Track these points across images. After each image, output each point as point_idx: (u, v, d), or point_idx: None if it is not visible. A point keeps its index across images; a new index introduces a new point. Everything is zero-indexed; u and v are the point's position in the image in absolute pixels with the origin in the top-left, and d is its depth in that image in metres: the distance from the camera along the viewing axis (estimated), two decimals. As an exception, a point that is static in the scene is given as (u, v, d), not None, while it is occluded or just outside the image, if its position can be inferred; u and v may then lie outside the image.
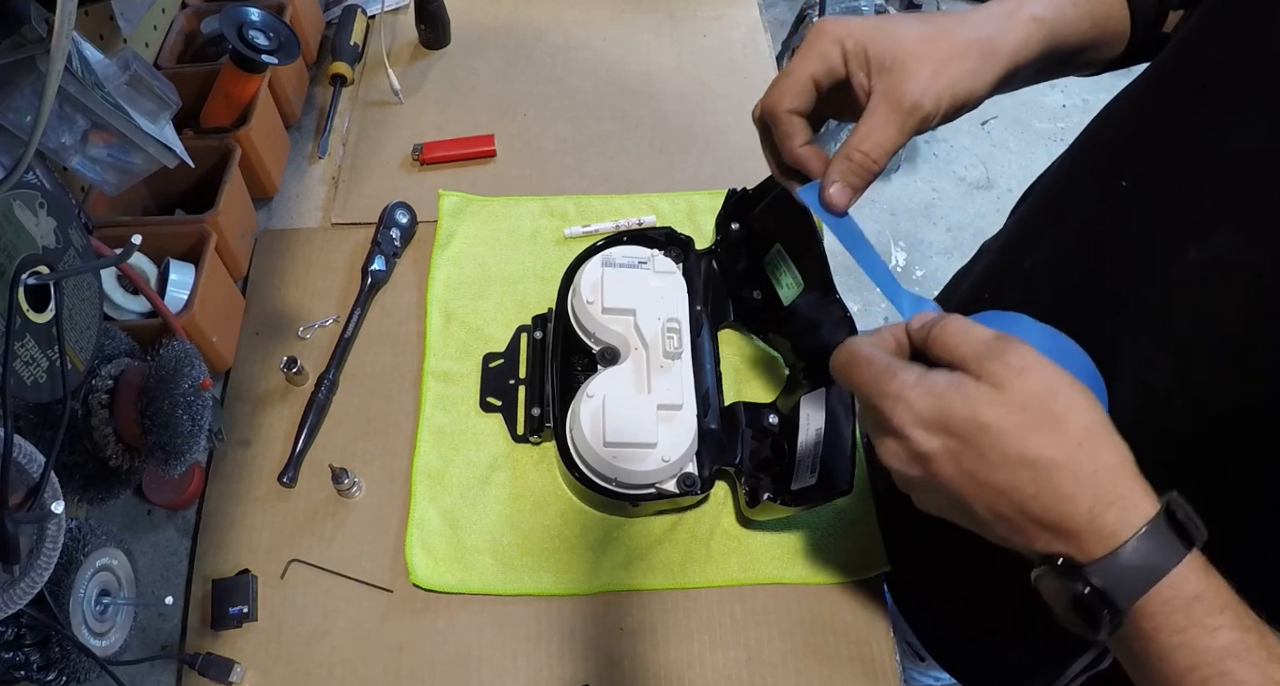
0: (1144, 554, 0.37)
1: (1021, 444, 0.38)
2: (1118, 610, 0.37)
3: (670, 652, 0.65)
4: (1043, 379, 0.39)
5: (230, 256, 0.79)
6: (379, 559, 0.69)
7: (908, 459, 0.42)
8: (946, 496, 0.42)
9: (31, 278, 0.51)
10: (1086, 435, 0.38)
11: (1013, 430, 0.39)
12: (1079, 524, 0.38)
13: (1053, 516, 0.38)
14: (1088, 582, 0.37)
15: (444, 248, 0.85)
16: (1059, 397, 0.39)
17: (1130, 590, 0.37)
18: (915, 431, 0.41)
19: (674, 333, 0.71)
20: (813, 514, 0.70)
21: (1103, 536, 0.37)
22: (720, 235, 0.77)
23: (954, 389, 0.40)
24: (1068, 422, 0.39)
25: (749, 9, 1.10)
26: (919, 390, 0.41)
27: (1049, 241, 0.59)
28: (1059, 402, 0.39)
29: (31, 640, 0.52)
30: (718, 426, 0.69)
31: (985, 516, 0.41)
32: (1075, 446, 0.38)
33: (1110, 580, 0.37)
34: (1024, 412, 0.39)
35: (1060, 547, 0.39)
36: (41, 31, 0.46)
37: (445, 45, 1.06)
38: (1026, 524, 0.39)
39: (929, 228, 2.23)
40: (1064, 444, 0.38)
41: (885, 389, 0.42)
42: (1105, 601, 0.37)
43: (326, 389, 0.76)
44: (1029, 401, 0.39)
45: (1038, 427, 0.39)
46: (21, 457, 0.48)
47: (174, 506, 0.71)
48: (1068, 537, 0.38)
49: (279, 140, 0.92)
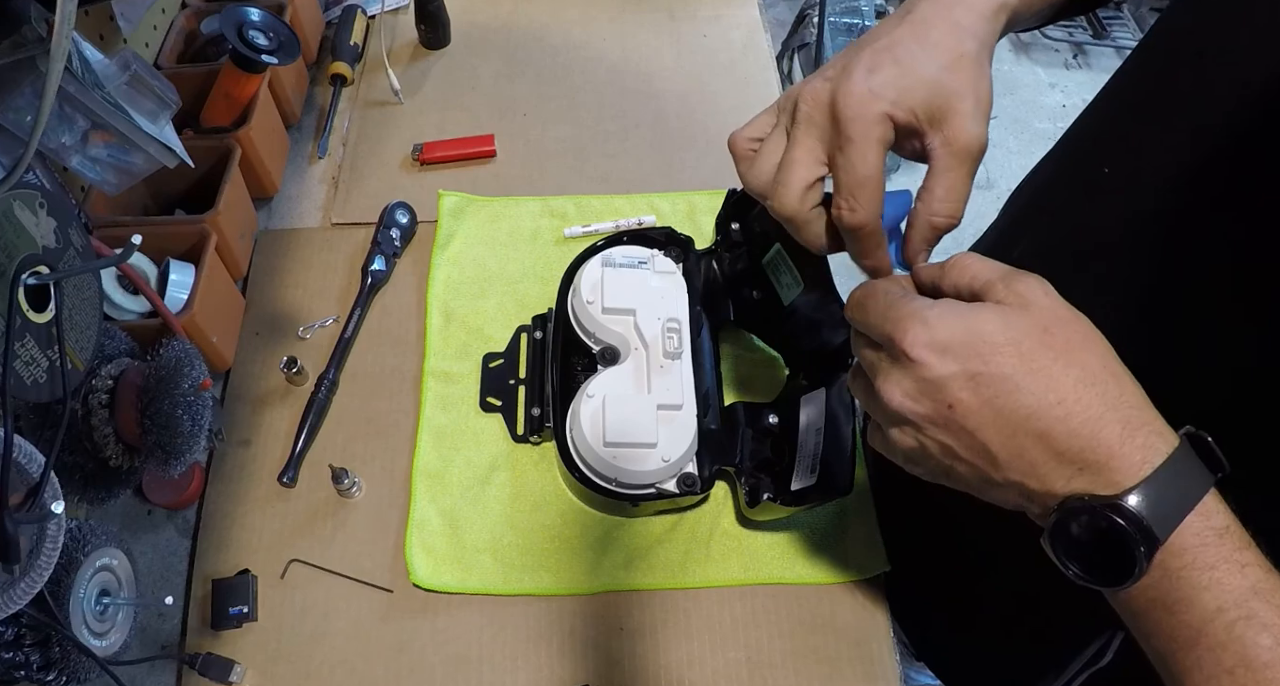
0: (1176, 480, 0.36)
1: (1050, 362, 0.37)
2: (1154, 541, 0.35)
3: (670, 652, 0.65)
4: (1063, 308, 0.39)
5: (230, 256, 0.79)
6: (379, 559, 0.69)
7: (916, 392, 0.39)
8: (954, 437, 0.39)
9: (31, 278, 0.51)
10: (1109, 360, 0.38)
11: (1041, 348, 0.37)
12: (1109, 448, 0.36)
13: (1080, 442, 0.36)
14: (1122, 513, 0.35)
15: (444, 248, 0.85)
16: (1079, 326, 0.38)
17: (1167, 517, 0.35)
18: (930, 355, 0.39)
19: (674, 333, 0.71)
20: (813, 514, 0.70)
21: (1133, 462, 0.36)
22: (720, 235, 0.77)
23: (977, 309, 0.39)
24: (1090, 349, 0.38)
25: (749, 9, 1.10)
26: (937, 311, 0.39)
27: (1035, 232, 0.59)
28: (1079, 330, 0.38)
29: (31, 640, 0.52)
30: (718, 426, 0.69)
31: (999, 454, 0.38)
32: (1101, 369, 0.37)
33: (1147, 507, 0.35)
34: (1049, 333, 0.38)
35: (1083, 483, 0.37)
36: (41, 31, 0.46)
37: (445, 45, 1.06)
38: (1048, 458, 0.37)
39: (929, 228, 2.23)
40: (1091, 366, 0.37)
41: (900, 311, 0.40)
42: (1142, 532, 0.35)
43: (326, 389, 0.76)
44: (1054, 322, 0.38)
45: (1065, 349, 0.37)
46: (21, 457, 0.48)
47: (174, 506, 0.71)
48: (1095, 468, 0.36)
49: (279, 140, 0.92)
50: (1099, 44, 2.62)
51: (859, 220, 0.43)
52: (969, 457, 0.39)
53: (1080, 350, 0.38)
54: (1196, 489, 0.36)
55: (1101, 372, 0.37)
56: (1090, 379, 0.37)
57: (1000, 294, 0.39)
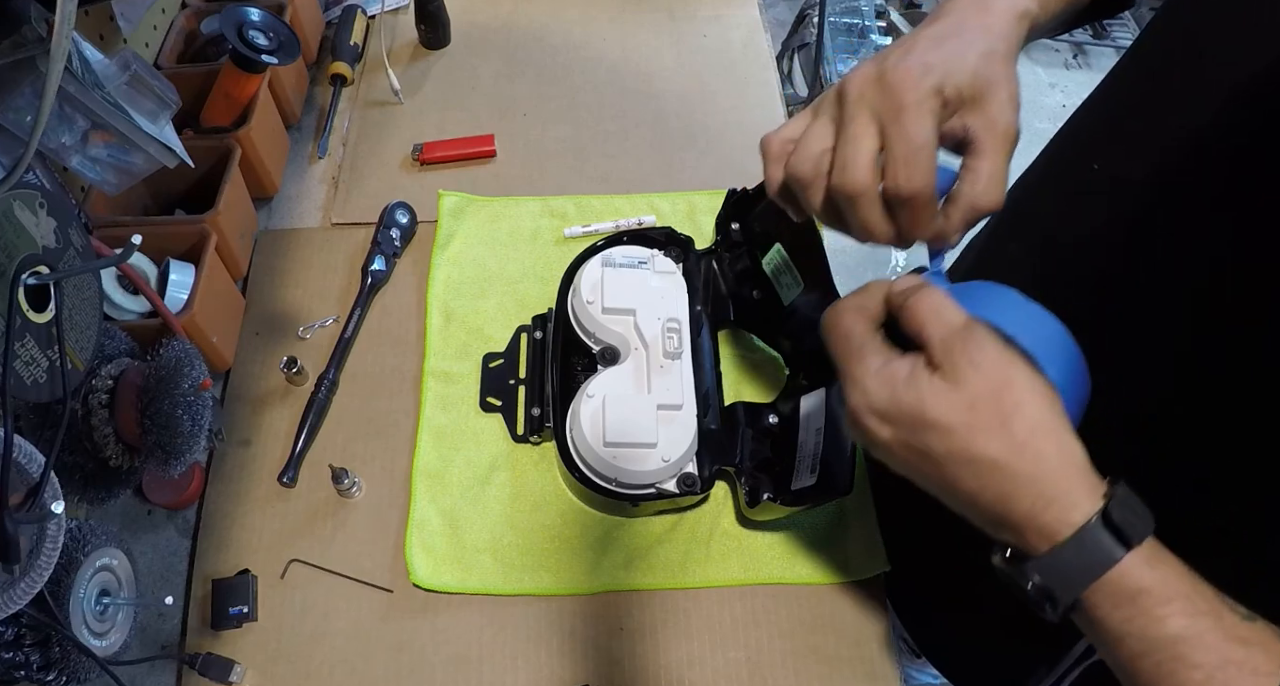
0: (1082, 553, 0.38)
1: (966, 442, 0.39)
2: (1058, 604, 0.39)
3: (670, 652, 0.65)
4: (998, 374, 0.40)
5: (230, 256, 0.79)
6: (379, 559, 0.69)
7: (865, 440, 0.44)
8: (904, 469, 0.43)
9: (31, 278, 0.51)
10: (1031, 435, 0.39)
11: (959, 428, 0.39)
12: (1019, 519, 0.39)
13: (995, 513, 0.40)
14: (1025, 577, 0.39)
15: (444, 248, 0.85)
16: (1010, 395, 0.39)
17: (1070, 586, 0.38)
18: (870, 419, 0.42)
19: (674, 333, 0.71)
20: (813, 514, 0.70)
21: (1043, 534, 0.38)
22: (720, 235, 0.77)
23: (908, 383, 0.41)
24: (1014, 422, 0.39)
25: (749, 9, 1.10)
26: (877, 381, 0.42)
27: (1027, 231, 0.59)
28: (1009, 400, 0.39)
29: (31, 640, 0.52)
30: (718, 426, 0.69)
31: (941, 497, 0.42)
32: (1019, 447, 0.39)
33: (1049, 577, 0.39)
34: (972, 411, 0.39)
35: (1009, 538, 0.40)
36: (41, 31, 0.46)
37: (445, 45, 1.06)
38: (974, 513, 0.41)
39: (929, 228, 2.23)
40: (1008, 444, 0.39)
41: (851, 370, 0.43)
42: (1045, 595, 0.39)
43: (326, 389, 0.76)
44: (978, 399, 0.39)
45: (984, 427, 0.39)
46: (21, 457, 0.48)
47: (174, 506, 0.71)
48: (1012, 530, 0.40)
49: (279, 140, 0.92)
50: (1099, 44, 2.62)
51: (915, 188, 0.42)
52: None
53: (1002, 427, 0.39)
54: (1106, 559, 0.38)
55: (1020, 451, 0.39)
56: (1006, 457, 0.39)
57: (937, 359, 0.41)
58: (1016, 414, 0.39)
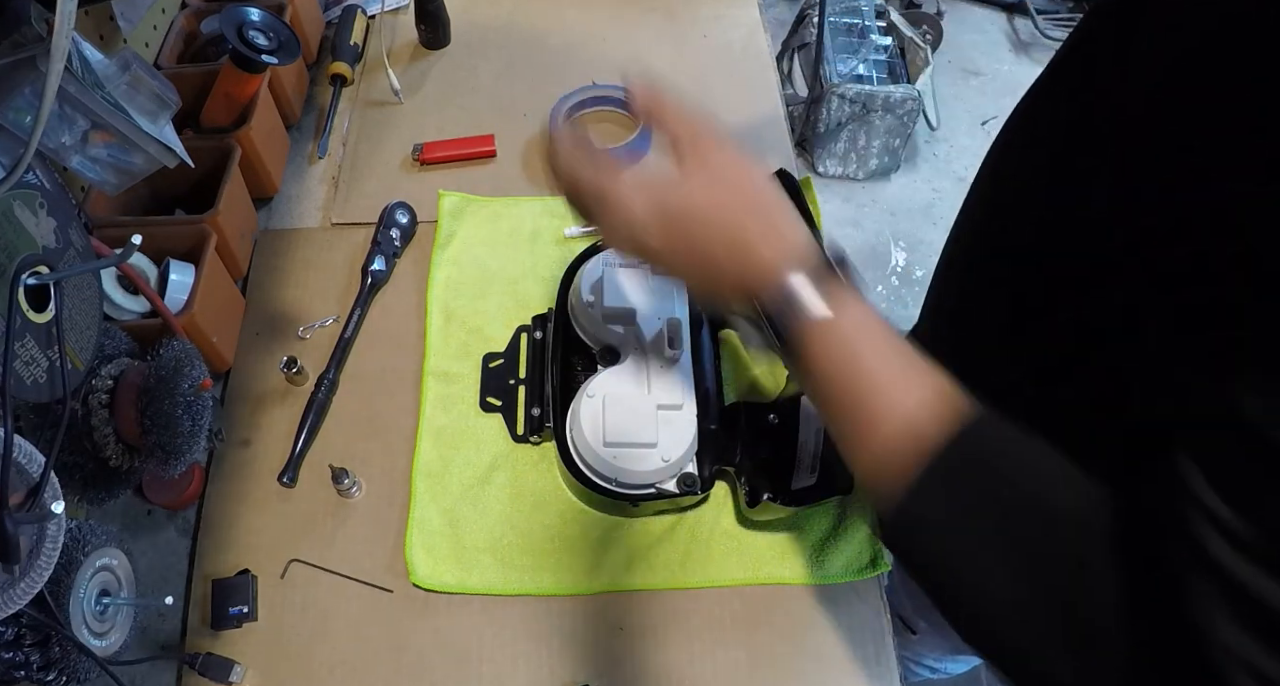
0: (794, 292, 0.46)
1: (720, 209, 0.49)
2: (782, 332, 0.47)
3: (670, 652, 0.65)
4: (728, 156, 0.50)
5: (230, 256, 0.79)
6: (379, 559, 0.69)
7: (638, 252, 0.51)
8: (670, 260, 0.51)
9: (31, 278, 0.51)
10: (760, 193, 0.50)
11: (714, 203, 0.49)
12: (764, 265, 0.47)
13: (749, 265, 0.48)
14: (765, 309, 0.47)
15: (444, 248, 0.85)
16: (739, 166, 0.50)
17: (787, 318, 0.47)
18: (639, 226, 0.49)
19: (674, 333, 0.71)
20: (813, 514, 0.70)
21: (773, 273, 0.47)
22: (720, 235, 0.77)
23: (669, 183, 0.50)
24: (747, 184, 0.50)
25: (749, 9, 1.10)
26: (638, 189, 0.50)
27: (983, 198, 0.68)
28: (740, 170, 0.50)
29: (31, 640, 0.52)
30: (718, 426, 0.69)
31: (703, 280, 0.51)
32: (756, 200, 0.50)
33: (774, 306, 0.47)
34: (720, 183, 0.50)
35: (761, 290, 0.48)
36: (41, 31, 0.46)
37: (445, 45, 1.06)
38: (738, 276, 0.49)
39: (929, 227, 2.23)
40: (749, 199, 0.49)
41: (607, 189, 0.50)
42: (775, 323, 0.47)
43: (326, 389, 0.76)
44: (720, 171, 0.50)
45: (730, 190, 0.49)
46: (21, 457, 0.48)
47: (174, 506, 0.71)
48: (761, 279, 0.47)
49: (279, 140, 0.92)
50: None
51: None
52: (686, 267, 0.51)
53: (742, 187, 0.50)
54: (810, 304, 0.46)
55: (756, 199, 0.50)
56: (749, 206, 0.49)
57: (684, 152, 0.50)
58: (747, 179, 0.50)
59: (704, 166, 0.50)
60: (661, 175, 0.50)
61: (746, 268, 0.48)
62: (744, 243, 0.48)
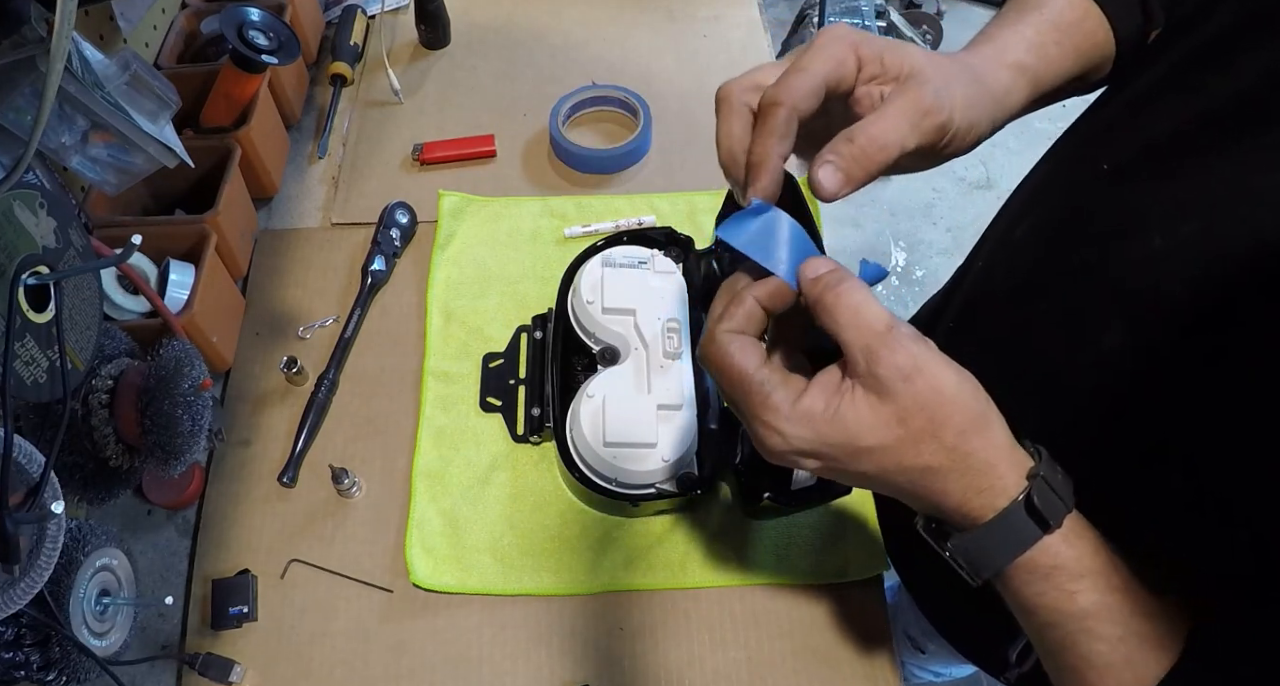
0: (1001, 535, 0.40)
1: (899, 456, 0.40)
2: (976, 575, 0.41)
3: (670, 652, 0.65)
4: (927, 384, 0.39)
5: (230, 256, 0.79)
6: (379, 559, 0.69)
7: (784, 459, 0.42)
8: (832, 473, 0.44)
9: (31, 278, 0.51)
10: (961, 438, 0.39)
11: (893, 446, 0.39)
12: (949, 510, 0.41)
13: (926, 505, 0.42)
14: (950, 552, 0.41)
15: (444, 248, 0.85)
16: (941, 402, 0.39)
17: (988, 564, 0.40)
18: (794, 457, 0.42)
19: (674, 333, 0.71)
20: (813, 514, 0.70)
21: (970, 518, 0.40)
22: (720, 235, 0.77)
23: (830, 419, 0.40)
24: (946, 428, 0.39)
25: (749, 9, 1.10)
26: (794, 422, 0.40)
27: (1035, 215, 0.60)
28: (940, 410, 0.39)
29: (31, 640, 0.52)
30: (718, 426, 0.69)
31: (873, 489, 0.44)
32: (951, 450, 0.39)
33: (969, 555, 0.41)
34: (904, 425, 0.39)
35: (936, 516, 0.42)
36: (41, 31, 0.46)
37: (445, 45, 1.06)
38: (909, 503, 0.43)
39: (929, 227, 2.23)
40: (939, 451, 0.39)
41: (756, 413, 0.41)
42: (965, 567, 0.41)
43: (326, 389, 0.76)
44: (909, 412, 0.39)
45: (916, 439, 0.39)
46: (21, 457, 0.48)
47: (174, 506, 0.71)
48: (941, 515, 0.42)
49: (279, 140, 0.92)
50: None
51: (773, 93, 0.42)
52: None
53: (934, 436, 0.39)
54: (1018, 543, 0.40)
55: (951, 454, 0.40)
56: (939, 463, 0.40)
57: (860, 373, 0.39)
58: (947, 421, 0.39)
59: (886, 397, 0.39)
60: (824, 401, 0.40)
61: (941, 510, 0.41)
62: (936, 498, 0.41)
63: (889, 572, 0.69)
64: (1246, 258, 0.40)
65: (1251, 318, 0.39)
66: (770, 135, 0.43)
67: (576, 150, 0.91)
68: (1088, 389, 0.49)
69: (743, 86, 0.45)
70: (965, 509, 0.40)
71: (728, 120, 0.45)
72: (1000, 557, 0.40)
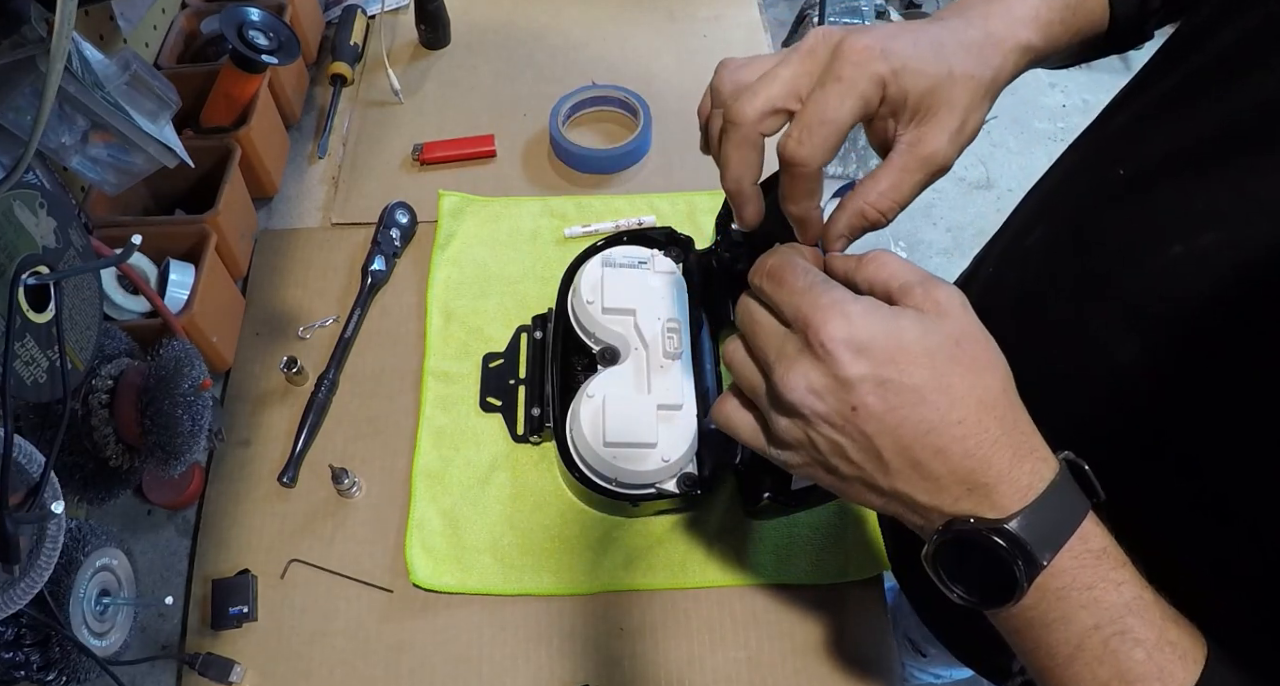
0: (1057, 505, 0.37)
1: (958, 379, 0.37)
2: (1035, 564, 0.36)
3: (670, 652, 0.65)
4: (976, 321, 0.39)
5: (230, 256, 0.79)
6: (379, 559, 0.69)
7: (823, 389, 0.38)
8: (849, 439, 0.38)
9: (31, 278, 0.51)
10: (1009, 384, 0.38)
11: (951, 363, 0.37)
12: (999, 472, 0.37)
13: (974, 462, 0.37)
14: (1005, 536, 0.36)
15: (444, 248, 0.85)
16: (989, 345, 0.38)
17: (1048, 541, 0.36)
18: (847, 353, 0.37)
19: (674, 333, 0.71)
20: (813, 514, 0.70)
21: (1020, 487, 0.36)
22: (720, 235, 0.77)
23: (899, 313, 0.38)
24: (996, 370, 0.38)
25: (749, 9, 1.10)
26: (863, 306, 0.38)
27: (1049, 221, 0.59)
28: (989, 348, 0.38)
29: (31, 640, 0.52)
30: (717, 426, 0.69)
31: (891, 462, 0.38)
32: (1001, 393, 0.38)
33: (1030, 531, 0.36)
34: (960, 347, 0.37)
35: (970, 504, 0.37)
36: (41, 31, 0.46)
37: (445, 45, 1.06)
38: (942, 474, 0.37)
39: (929, 227, 2.23)
40: (993, 389, 0.37)
41: (822, 298, 0.38)
42: (1024, 556, 0.36)
43: (326, 389, 0.76)
44: (966, 337, 0.38)
45: (973, 367, 0.37)
46: (21, 457, 0.48)
47: (174, 506, 0.71)
48: (984, 490, 0.37)
49: (279, 140, 0.92)
50: (1099, 44, 2.61)
51: (804, 156, 0.40)
52: (859, 461, 0.39)
53: (986, 370, 0.38)
54: (1075, 514, 0.37)
55: (1001, 396, 0.38)
56: (991, 401, 0.37)
57: (919, 299, 0.38)
58: (994, 364, 0.38)
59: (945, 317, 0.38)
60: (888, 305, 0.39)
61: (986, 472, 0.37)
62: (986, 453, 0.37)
63: (889, 573, 0.69)
64: (1265, 267, 0.39)
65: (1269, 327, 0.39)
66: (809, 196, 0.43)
67: (576, 150, 0.92)
68: (1099, 398, 0.48)
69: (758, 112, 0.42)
70: (1014, 472, 0.36)
71: (740, 149, 0.43)
72: (1057, 535, 0.36)
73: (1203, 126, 0.46)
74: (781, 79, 0.41)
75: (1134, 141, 0.52)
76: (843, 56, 0.40)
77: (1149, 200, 0.48)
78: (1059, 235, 0.56)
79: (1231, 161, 0.43)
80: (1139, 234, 0.48)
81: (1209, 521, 0.43)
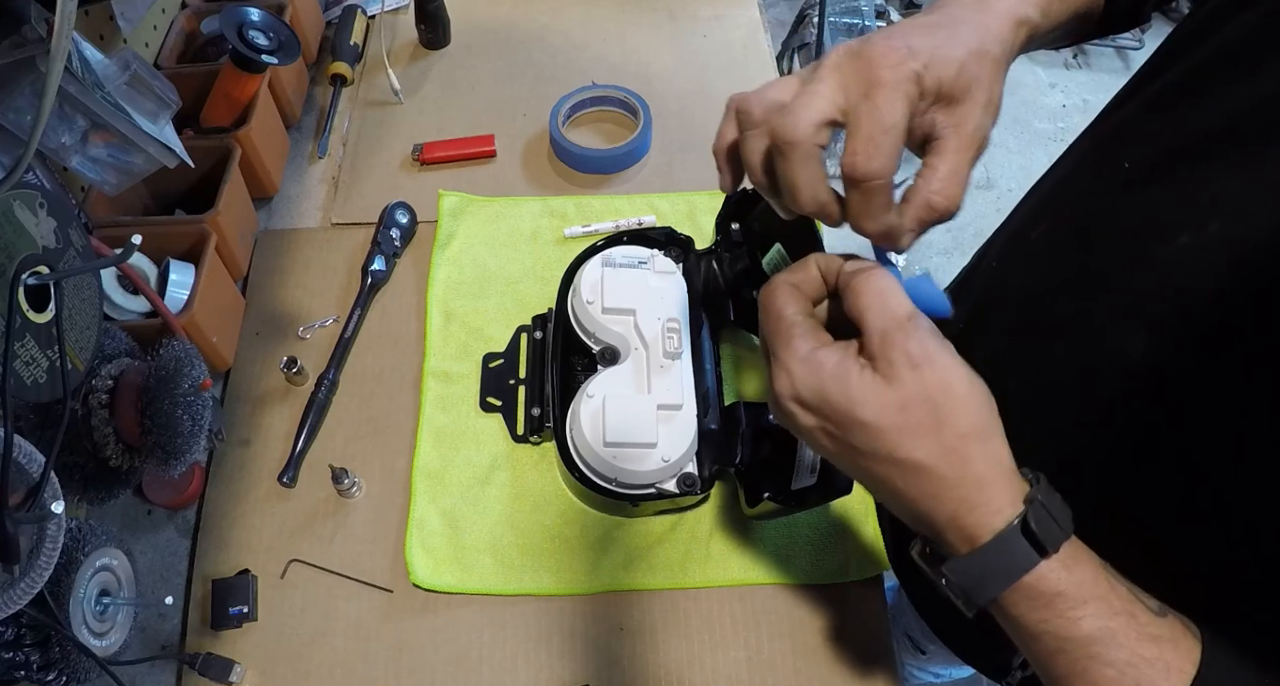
0: (998, 558, 0.38)
1: (893, 444, 0.39)
2: (973, 604, 0.39)
3: (670, 652, 0.65)
4: (937, 377, 0.39)
5: (230, 256, 0.79)
6: (379, 559, 0.69)
7: (787, 424, 0.43)
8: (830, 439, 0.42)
9: (31, 278, 0.51)
10: (961, 441, 0.38)
11: (889, 430, 0.39)
12: (941, 524, 0.39)
13: (917, 511, 0.40)
14: (943, 576, 0.39)
15: (444, 248, 0.85)
16: (947, 399, 0.38)
17: (985, 589, 0.39)
18: (791, 405, 0.41)
19: (674, 333, 0.71)
20: (813, 514, 0.70)
21: (963, 537, 0.39)
22: (720, 235, 0.77)
23: (838, 378, 0.39)
24: (946, 427, 0.38)
25: (749, 9, 1.10)
26: (804, 367, 0.40)
27: (1053, 216, 0.59)
28: (944, 405, 0.38)
29: (31, 640, 0.52)
30: (718, 426, 0.69)
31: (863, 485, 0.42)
32: (948, 452, 0.38)
33: (966, 579, 0.39)
34: (904, 413, 0.38)
35: (929, 535, 0.41)
36: (41, 31, 0.46)
37: (445, 45, 1.06)
38: (896, 509, 0.41)
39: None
40: (936, 449, 0.38)
41: (777, 352, 0.41)
42: (961, 595, 0.39)
43: (326, 389, 0.76)
44: (913, 401, 0.38)
45: (914, 431, 0.38)
46: (21, 457, 0.48)
47: (174, 506, 0.71)
48: (933, 531, 0.40)
49: (279, 140, 0.92)
50: (1099, 44, 2.62)
51: (874, 169, 0.39)
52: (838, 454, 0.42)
53: (933, 431, 0.38)
54: (1022, 564, 0.38)
55: (949, 456, 0.38)
56: (933, 462, 0.38)
57: (874, 351, 0.39)
58: (949, 420, 0.38)
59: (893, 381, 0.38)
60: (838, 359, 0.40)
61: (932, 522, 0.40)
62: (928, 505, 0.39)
63: (889, 573, 0.69)
64: (1268, 253, 0.39)
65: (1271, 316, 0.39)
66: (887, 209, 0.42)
67: (576, 150, 0.92)
68: (1102, 394, 0.48)
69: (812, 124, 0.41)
70: (958, 524, 0.39)
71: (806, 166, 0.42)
72: (995, 584, 0.38)
73: (1207, 121, 0.46)
74: (821, 93, 0.41)
75: (1138, 137, 0.52)
76: (874, 63, 0.40)
77: (1154, 194, 0.48)
78: (1062, 232, 0.56)
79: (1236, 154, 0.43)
80: (1145, 227, 0.48)
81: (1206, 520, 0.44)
